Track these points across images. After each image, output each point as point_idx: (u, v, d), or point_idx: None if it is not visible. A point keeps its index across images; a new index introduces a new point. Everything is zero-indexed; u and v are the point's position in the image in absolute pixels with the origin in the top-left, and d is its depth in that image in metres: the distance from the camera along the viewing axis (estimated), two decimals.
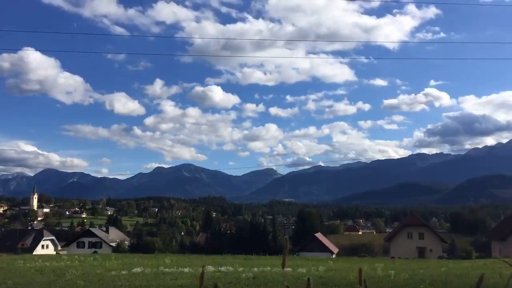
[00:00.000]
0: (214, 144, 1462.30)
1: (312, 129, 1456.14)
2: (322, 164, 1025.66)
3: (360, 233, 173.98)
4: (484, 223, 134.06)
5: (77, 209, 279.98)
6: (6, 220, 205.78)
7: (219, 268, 26.37)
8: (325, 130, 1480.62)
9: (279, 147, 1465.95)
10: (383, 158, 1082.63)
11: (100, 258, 39.29)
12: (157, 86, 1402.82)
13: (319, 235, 76.87)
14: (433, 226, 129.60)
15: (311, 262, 34.70)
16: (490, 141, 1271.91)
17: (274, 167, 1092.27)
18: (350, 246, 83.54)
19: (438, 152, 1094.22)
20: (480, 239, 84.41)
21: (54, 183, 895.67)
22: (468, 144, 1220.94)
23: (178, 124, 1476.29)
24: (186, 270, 24.63)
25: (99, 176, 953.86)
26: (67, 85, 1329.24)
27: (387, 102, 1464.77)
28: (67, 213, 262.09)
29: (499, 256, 53.95)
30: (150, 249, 64.23)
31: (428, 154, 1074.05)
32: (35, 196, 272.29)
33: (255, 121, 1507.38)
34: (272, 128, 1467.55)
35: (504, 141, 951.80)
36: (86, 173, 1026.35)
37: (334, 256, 66.00)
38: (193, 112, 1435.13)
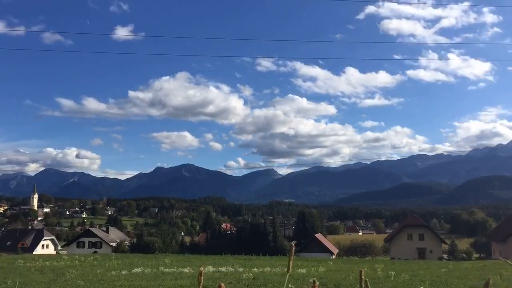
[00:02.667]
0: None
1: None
2: (323, 165, 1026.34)
3: (360, 233, 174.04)
4: (484, 224, 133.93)
5: (77, 209, 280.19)
6: (7, 219, 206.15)
7: (219, 268, 26.41)
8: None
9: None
10: (383, 159, 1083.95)
11: (100, 258, 39.33)
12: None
13: (319, 235, 76.74)
14: (433, 227, 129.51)
15: (311, 262, 34.73)
16: (490, 142, 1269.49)
17: (274, 168, 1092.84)
18: (350, 247, 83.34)
19: (438, 153, 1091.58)
20: (480, 240, 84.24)
21: (54, 183, 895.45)
22: (469, 145, 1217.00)
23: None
24: (186, 270, 24.66)
25: (99, 176, 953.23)
26: None
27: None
28: (67, 213, 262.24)
29: (499, 257, 53.95)
30: (150, 249, 64.09)
31: (428, 155, 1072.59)
32: (35, 195, 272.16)
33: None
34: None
35: (504, 142, 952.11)
36: (87, 173, 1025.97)
37: (334, 256, 65.98)
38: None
